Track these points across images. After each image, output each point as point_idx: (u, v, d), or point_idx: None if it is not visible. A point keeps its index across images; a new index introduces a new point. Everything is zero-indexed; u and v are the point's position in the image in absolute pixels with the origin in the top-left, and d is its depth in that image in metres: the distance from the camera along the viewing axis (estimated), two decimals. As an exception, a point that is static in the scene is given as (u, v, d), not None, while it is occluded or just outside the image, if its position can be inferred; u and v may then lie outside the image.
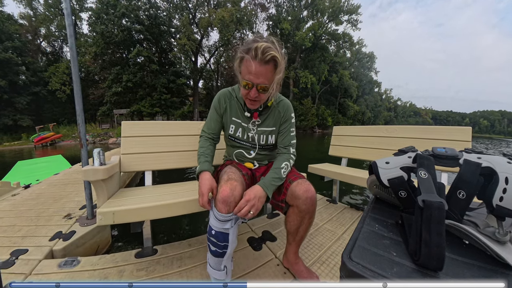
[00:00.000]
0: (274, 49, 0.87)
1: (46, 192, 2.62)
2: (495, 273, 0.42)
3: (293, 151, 1.17)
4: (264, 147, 1.22)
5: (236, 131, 1.18)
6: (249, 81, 0.92)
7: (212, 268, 0.95)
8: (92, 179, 1.16)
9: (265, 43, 0.86)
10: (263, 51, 0.85)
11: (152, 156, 1.61)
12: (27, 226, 1.74)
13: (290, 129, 1.18)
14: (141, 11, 20.88)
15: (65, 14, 1.66)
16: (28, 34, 23.43)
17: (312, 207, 1.04)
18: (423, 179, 0.53)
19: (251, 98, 0.97)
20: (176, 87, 22.76)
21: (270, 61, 0.88)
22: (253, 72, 0.89)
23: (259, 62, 0.87)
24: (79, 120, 1.73)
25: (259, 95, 0.96)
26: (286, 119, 1.18)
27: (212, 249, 0.91)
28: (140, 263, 1.30)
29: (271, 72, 0.92)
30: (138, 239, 1.80)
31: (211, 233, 0.91)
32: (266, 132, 1.18)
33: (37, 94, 21.50)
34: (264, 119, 1.16)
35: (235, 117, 1.17)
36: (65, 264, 1.28)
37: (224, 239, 0.90)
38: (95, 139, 16.28)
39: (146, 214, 1.11)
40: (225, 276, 0.94)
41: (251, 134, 1.17)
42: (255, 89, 0.94)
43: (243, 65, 0.93)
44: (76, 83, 1.69)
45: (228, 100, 1.16)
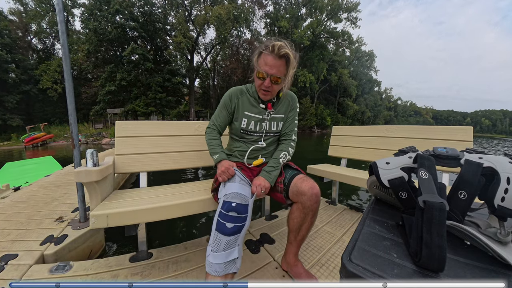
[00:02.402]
0: (288, 47, 1.06)
1: (37, 194, 2.59)
2: (497, 274, 0.43)
3: (294, 138, 1.34)
4: (275, 134, 1.33)
5: (248, 124, 1.27)
6: (265, 72, 1.09)
7: (223, 251, 0.86)
8: (85, 180, 1.15)
9: (281, 42, 1.06)
10: (279, 48, 1.04)
11: (147, 157, 1.60)
12: (17, 230, 1.72)
13: (295, 117, 1.36)
14: (135, 7, 20.74)
15: (56, 10, 1.65)
16: (18, 31, 23.16)
17: (317, 204, 1.08)
18: (424, 179, 0.53)
19: (265, 88, 1.14)
20: (171, 86, 22.66)
21: (283, 56, 1.07)
22: (269, 64, 1.08)
23: (275, 56, 1.06)
24: (71, 120, 1.71)
25: (272, 85, 1.13)
26: (293, 108, 1.35)
27: (229, 227, 0.88)
28: (134, 267, 1.29)
29: (283, 66, 1.10)
30: (132, 242, 1.79)
31: (230, 207, 0.93)
32: (277, 119, 1.31)
33: (27, 92, 21.25)
34: (278, 109, 1.31)
35: (248, 111, 1.27)
36: (56, 269, 1.26)
37: (245, 210, 0.95)
38: (88, 140, 16.14)
39: (141, 217, 1.11)
40: (238, 254, 0.89)
41: (265, 123, 1.28)
42: (269, 79, 1.11)
43: (261, 58, 1.11)
44: (68, 81, 1.68)
45: (240, 96, 1.28)
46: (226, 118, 1.31)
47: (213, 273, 0.85)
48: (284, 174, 1.20)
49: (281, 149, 1.27)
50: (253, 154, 1.30)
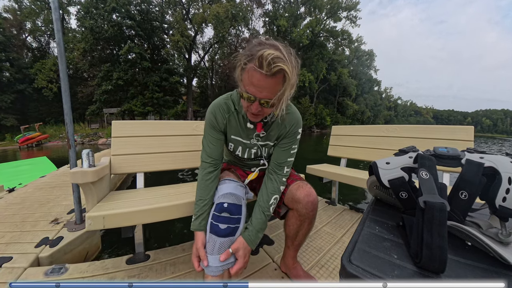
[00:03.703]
0: (284, 58, 0.72)
1: (31, 196, 2.57)
2: (498, 274, 0.43)
3: (286, 171, 1.05)
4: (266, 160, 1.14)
5: (235, 150, 1.09)
6: (252, 94, 0.79)
7: (217, 254, 0.85)
8: (81, 181, 1.14)
9: (274, 52, 0.70)
10: (269, 63, 0.70)
11: (144, 157, 1.59)
12: (11, 232, 1.71)
13: (292, 146, 1.05)
14: (132, 5, 20.68)
15: (52, 8, 1.64)
16: (12, 29, 23.00)
17: (313, 212, 1.03)
18: (424, 179, 0.53)
19: (252, 112, 0.85)
20: (169, 85, 22.62)
21: (277, 73, 0.73)
22: (256, 85, 0.76)
23: (265, 74, 0.72)
24: (67, 120, 1.70)
25: (262, 109, 0.83)
26: (290, 134, 1.04)
27: (222, 228, 0.86)
28: (131, 270, 1.28)
29: (278, 85, 0.76)
30: (129, 244, 1.78)
31: (222, 208, 0.89)
32: (269, 146, 1.08)
33: (22, 92, 21.13)
34: (269, 131, 1.03)
35: (234, 135, 1.04)
36: (52, 272, 1.25)
37: (238, 211, 0.90)
38: (84, 140, 16.07)
39: (138, 218, 1.10)
40: (234, 258, 0.87)
41: (254, 150, 1.07)
42: (257, 103, 0.80)
43: (245, 74, 0.78)
44: (64, 80, 1.67)
45: (226, 116, 1.00)
46: (219, 142, 1.03)
47: (211, 274, 0.84)
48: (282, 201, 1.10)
49: (272, 189, 1.01)
50: (250, 166, 1.20)
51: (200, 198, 0.97)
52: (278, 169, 1.04)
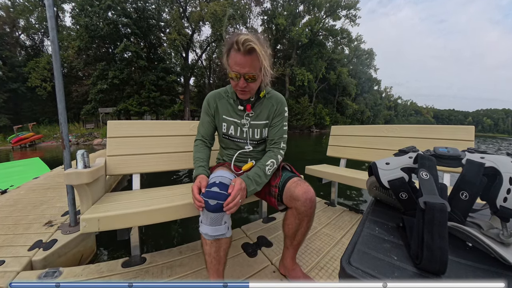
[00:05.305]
0: (253, 40, 0.96)
1: (25, 197, 2.55)
2: (499, 275, 0.43)
3: (283, 146, 1.24)
4: (259, 142, 1.28)
5: (228, 129, 1.25)
6: (237, 72, 1.02)
7: (209, 226, 0.95)
8: (76, 183, 1.14)
9: (245, 36, 0.96)
10: (243, 43, 0.95)
11: (140, 158, 1.59)
12: (3, 235, 1.69)
13: (283, 123, 1.25)
14: (128, 3, 20.63)
15: (46, 5, 1.63)
16: (5, 26, 22.87)
17: (311, 209, 1.05)
18: (424, 180, 0.53)
19: (240, 88, 1.07)
20: (165, 85, 22.57)
21: (252, 50, 0.98)
22: (239, 63, 1.00)
23: (243, 53, 0.98)
24: (61, 119, 1.69)
25: (248, 84, 1.06)
26: (279, 113, 1.25)
27: (212, 204, 0.93)
28: (127, 273, 1.28)
29: (256, 61, 1.01)
30: (125, 247, 1.77)
31: (213, 184, 0.98)
32: (260, 126, 1.24)
33: (15, 91, 20.99)
34: (258, 112, 1.23)
35: (226, 115, 1.23)
36: (45, 276, 1.25)
37: (227, 189, 0.97)
38: (78, 140, 15.97)
39: (134, 220, 1.10)
40: (226, 230, 0.97)
41: (245, 129, 1.23)
42: (243, 79, 1.04)
43: (230, 59, 1.03)
44: (58, 79, 1.66)
45: (217, 100, 1.24)
46: (210, 125, 1.27)
47: (205, 237, 0.97)
48: (280, 177, 1.16)
49: (269, 156, 1.18)
50: (242, 158, 1.28)
51: (197, 157, 1.19)
52: (276, 145, 1.23)
